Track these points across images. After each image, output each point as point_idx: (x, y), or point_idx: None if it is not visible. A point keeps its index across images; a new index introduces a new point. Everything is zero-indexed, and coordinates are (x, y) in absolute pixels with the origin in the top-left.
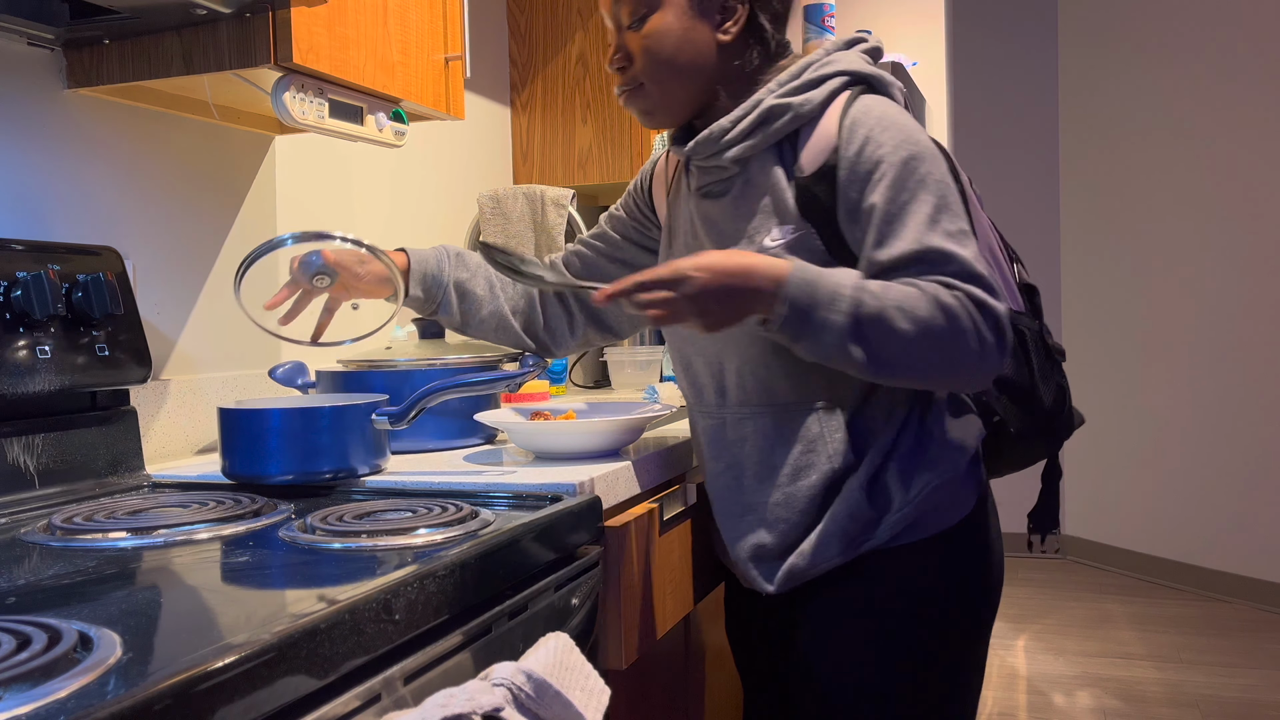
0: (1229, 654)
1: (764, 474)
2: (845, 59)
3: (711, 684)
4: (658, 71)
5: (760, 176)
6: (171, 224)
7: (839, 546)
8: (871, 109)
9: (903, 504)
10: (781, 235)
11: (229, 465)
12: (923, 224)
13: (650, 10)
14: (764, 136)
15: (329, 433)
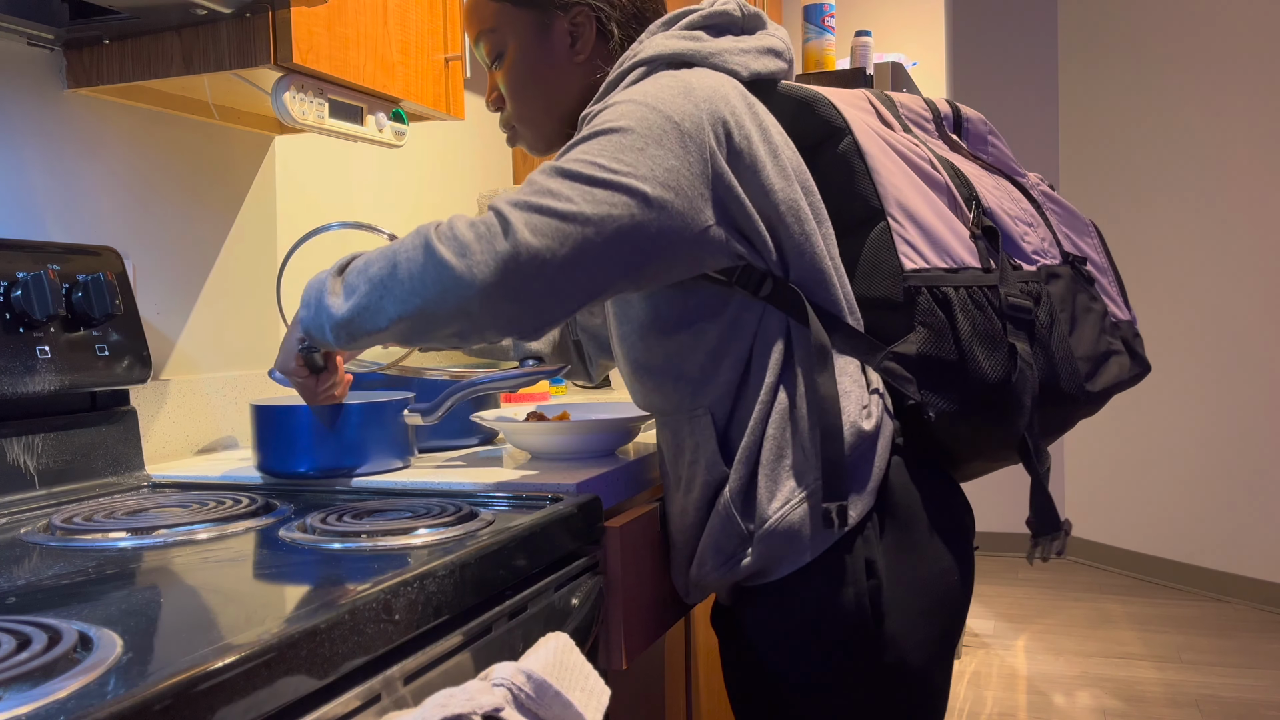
0: (1229, 654)
1: (672, 484)
2: (653, 44)
3: (711, 684)
4: (522, 106)
5: None
6: (171, 224)
7: (714, 561)
8: (634, 86)
9: (767, 517)
10: None
11: (261, 460)
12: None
13: (502, 48)
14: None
15: (360, 428)
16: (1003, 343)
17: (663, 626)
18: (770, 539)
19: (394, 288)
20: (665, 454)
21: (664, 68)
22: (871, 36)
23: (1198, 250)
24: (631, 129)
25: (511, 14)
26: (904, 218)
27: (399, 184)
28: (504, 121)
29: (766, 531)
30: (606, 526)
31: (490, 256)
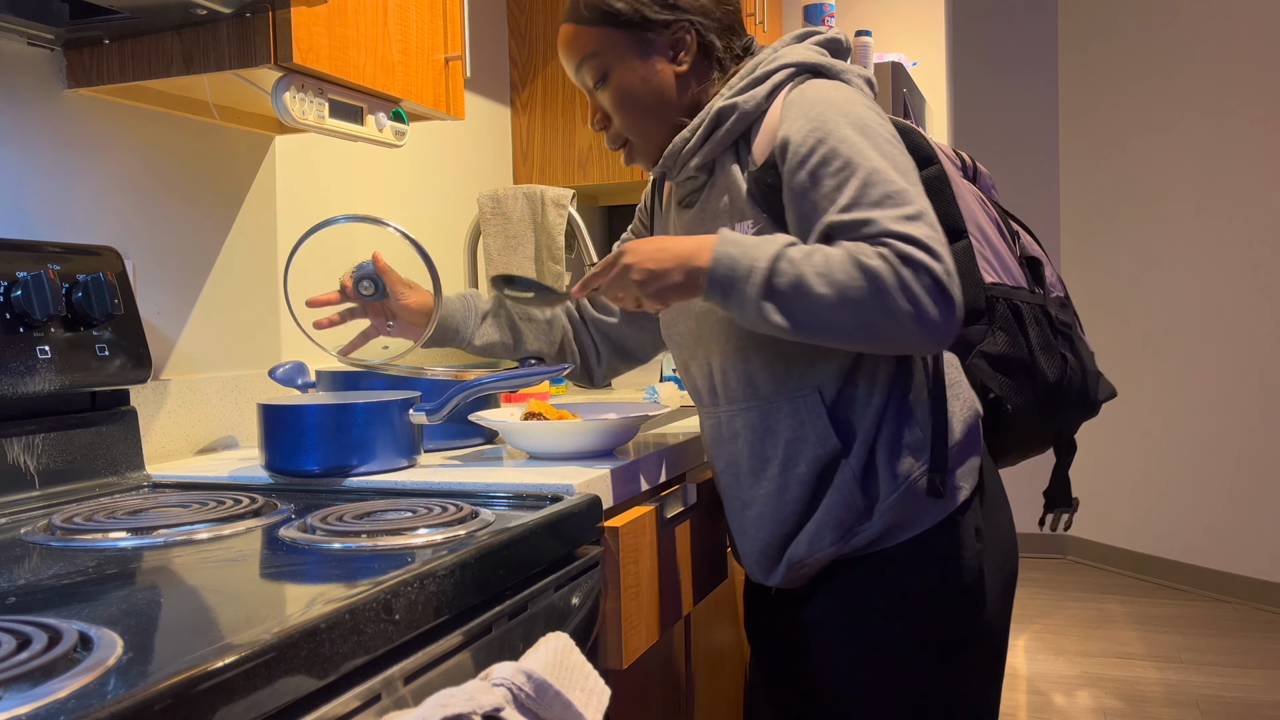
0: (1229, 654)
1: (757, 468)
2: (792, 53)
3: (712, 684)
4: (633, 123)
5: (722, 179)
6: (171, 224)
7: (833, 535)
8: (807, 91)
9: (891, 491)
10: (744, 232)
11: (269, 459)
12: (853, 192)
13: (608, 69)
14: (717, 140)
15: (367, 428)
16: (1056, 351)
17: (663, 626)
18: (893, 511)
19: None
20: (745, 437)
21: (806, 74)
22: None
23: (1198, 250)
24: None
25: (613, 37)
26: (981, 238)
27: (399, 184)
28: (613, 138)
29: (890, 504)
30: (606, 526)
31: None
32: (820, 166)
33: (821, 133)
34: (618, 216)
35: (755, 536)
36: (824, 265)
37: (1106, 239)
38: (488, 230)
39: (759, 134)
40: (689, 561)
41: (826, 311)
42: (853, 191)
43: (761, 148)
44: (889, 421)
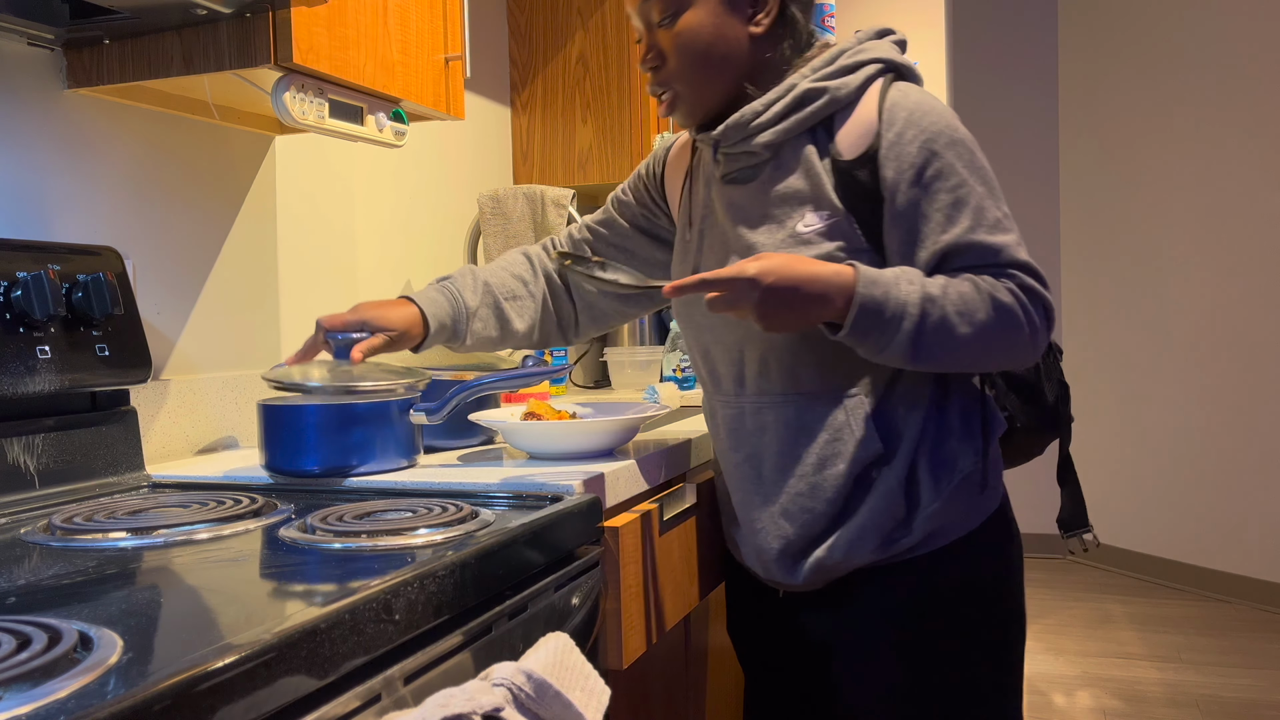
0: (1229, 654)
1: (785, 464)
2: (878, 47)
3: (711, 684)
4: (691, 70)
5: (792, 161)
6: (171, 224)
7: (874, 543)
8: (909, 94)
9: (932, 500)
10: (817, 221)
11: (269, 459)
12: (971, 213)
13: (682, 7)
14: (798, 120)
15: (367, 428)
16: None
17: (663, 626)
18: (935, 518)
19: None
20: (776, 431)
21: (893, 73)
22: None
23: (1198, 250)
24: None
25: None
26: None
27: (399, 184)
28: (661, 82)
29: (933, 511)
30: (606, 526)
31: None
32: (935, 180)
33: (935, 145)
34: None
35: (775, 534)
36: (962, 303)
37: (1106, 240)
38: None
39: (847, 125)
40: (689, 561)
41: (961, 349)
42: (971, 215)
43: (852, 141)
44: (932, 429)
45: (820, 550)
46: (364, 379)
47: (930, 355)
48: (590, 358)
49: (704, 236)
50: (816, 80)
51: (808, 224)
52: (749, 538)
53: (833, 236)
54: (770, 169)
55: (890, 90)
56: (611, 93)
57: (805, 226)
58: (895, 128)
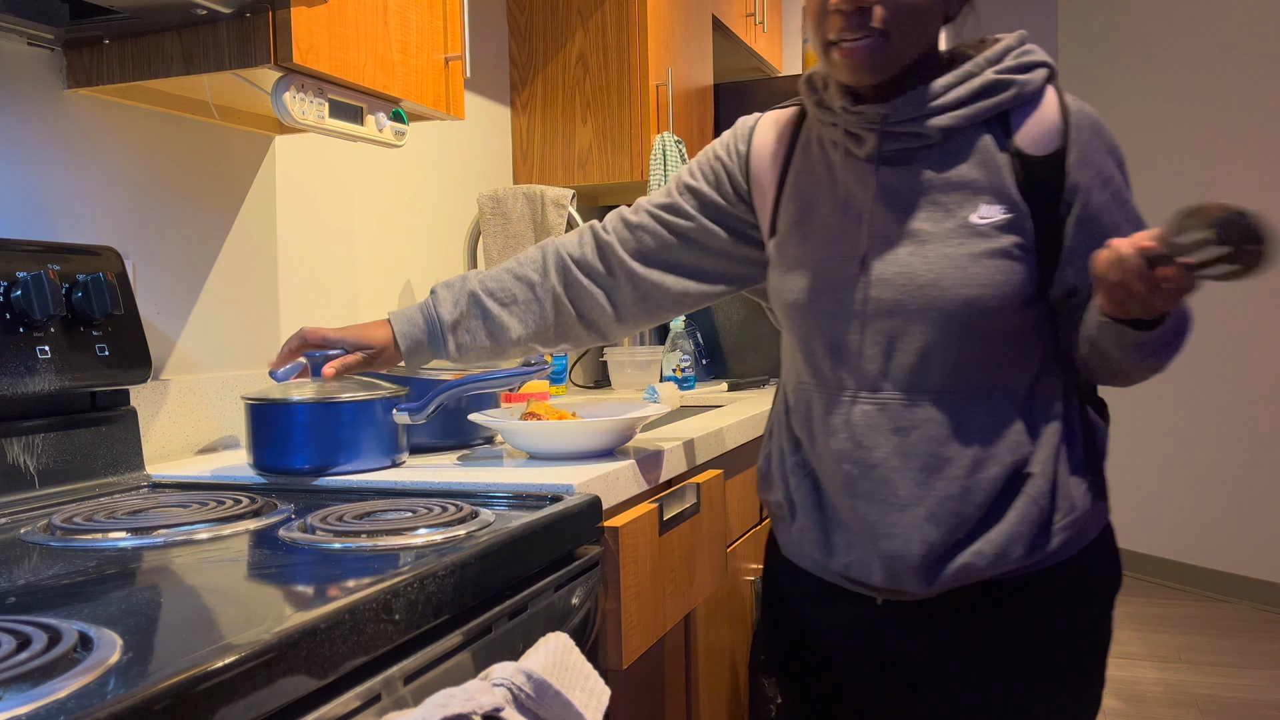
0: (1229, 654)
1: (934, 465)
2: (1039, 51)
3: (712, 684)
4: (906, 19)
5: (964, 149)
6: (171, 224)
7: (1023, 548)
8: (1084, 106)
9: (1069, 510)
10: (991, 214)
11: (256, 458)
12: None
13: None
14: (980, 109)
15: (351, 426)
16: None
17: (663, 626)
18: (1075, 524)
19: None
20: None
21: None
22: None
23: None
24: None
25: None
26: None
27: (399, 184)
28: (859, 24)
29: (1073, 518)
30: (606, 526)
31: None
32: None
33: (1116, 157)
34: None
35: (918, 540)
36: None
37: None
38: (488, 230)
39: (1029, 123)
40: (689, 561)
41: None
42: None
43: (1036, 138)
44: (1065, 433)
45: (965, 555)
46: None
47: (1168, 356)
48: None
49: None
50: (1002, 72)
51: (983, 215)
52: (871, 543)
53: (1009, 231)
54: (936, 154)
55: (1065, 95)
56: (611, 93)
57: (980, 218)
58: (1085, 135)
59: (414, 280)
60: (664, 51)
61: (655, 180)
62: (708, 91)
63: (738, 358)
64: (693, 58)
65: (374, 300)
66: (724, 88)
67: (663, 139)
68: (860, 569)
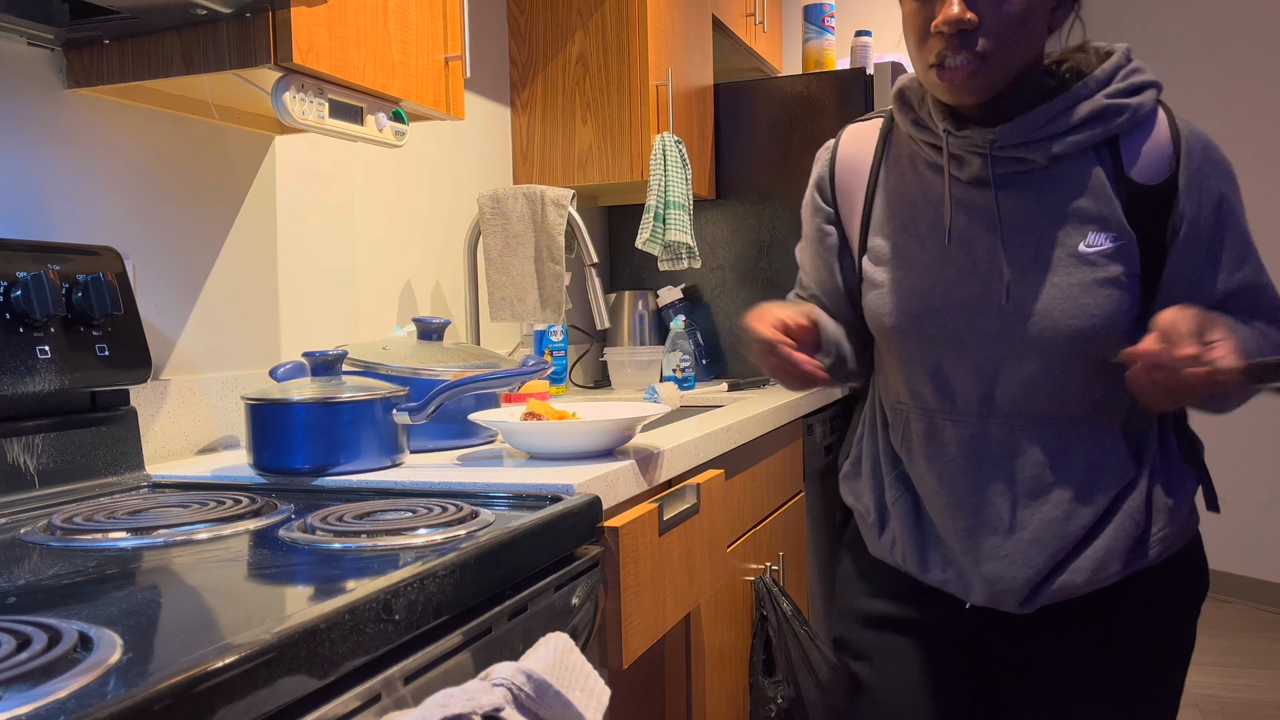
0: (1229, 654)
1: (1038, 490)
2: (1148, 68)
3: (711, 684)
4: (1010, 40)
5: (1073, 175)
6: (171, 224)
7: (1119, 564)
8: (1195, 129)
9: (1165, 523)
10: (1100, 242)
11: (256, 458)
12: (1253, 256)
13: None
14: (1092, 135)
15: (351, 426)
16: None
17: (663, 626)
18: (1169, 537)
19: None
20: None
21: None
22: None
23: None
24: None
25: None
26: None
27: (399, 184)
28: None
29: (1166, 534)
30: (606, 526)
31: None
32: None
33: (1227, 184)
34: (617, 216)
35: (1023, 564)
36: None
37: None
38: (488, 230)
39: (1143, 149)
40: (689, 561)
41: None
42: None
43: (1148, 165)
44: (1164, 450)
45: (1064, 575)
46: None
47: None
48: (590, 358)
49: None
50: (1113, 96)
51: (1091, 244)
52: (974, 565)
53: (1117, 260)
54: (1041, 179)
55: (1175, 119)
56: (611, 93)
57: (1089, 247)
58: (1195, 160)
59: (414, 280)
60: (664, 51)
61: (655, 180)
62: (708, 91)
63: (738, 358)
64: (693, 58)
65: (374, 300)
66: (724, 88)
67: (663, 139)
68: (957, 586)
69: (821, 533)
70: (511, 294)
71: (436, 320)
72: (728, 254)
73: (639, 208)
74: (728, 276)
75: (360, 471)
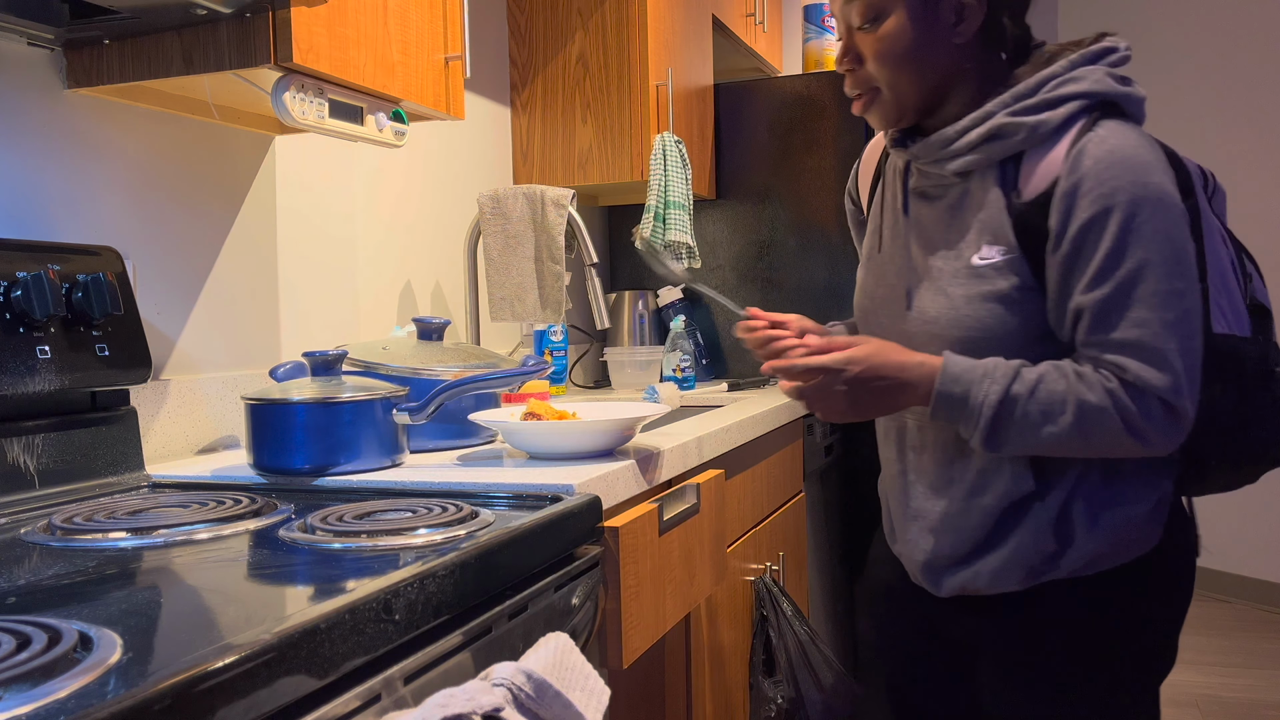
0: (1229, 654)
1: (940, 485)
2: (1090, 76)
3: (711, 684)
4: (891, 76)
5: (979, 191)
6: (171, 224)
7: (1020, 575)
8: (1105, 141)
9: (1086, 540)
10: (991, 255)
11: (256, 458)
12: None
13: (883, 12)
14: (988, 152)
15: (351, 426)
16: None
17: (663, 626)
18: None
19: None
20: (934, 454)
21: (1101, 109)
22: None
23: None
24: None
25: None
26: (1219, 283)
27: (399, 184)
28: (859, 82)
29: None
30: (606, 526)
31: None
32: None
33: (1110, 202)
34: (618, 216)
35: (920, 547)
36: (1049, 403)
37: None
38: (488, 230)
39: (1036, 165)
40: (689, 561)
41: (1046, 444)
42: (1115, 285)
43: (1034, 183)
44: (1098, 467)
45: (965, 573)
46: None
47: (1009, 447)
48: (590, 358)
49: (888, 251)
50: (1015, 114)
51: (984, 257)
52: (899, 543)
53: (1007, 273)
54: (957, 194)
55: (1087, 134)
56: (611, 93)
57: (981, 259)
58: (1075, 176)
59: (414, 280)
60: (664, 51)
61: (655, 180)
62: (708, 91)
63: (738, 358)
64: (693, 58)
65: (374, 300)
66: (724, 88)
67: (663, 139)
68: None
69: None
70: (511, 294)
71: (436, 320)
72: (728, 254)
73: (639, 208)
74: (728, 276)
75: (360, 471)
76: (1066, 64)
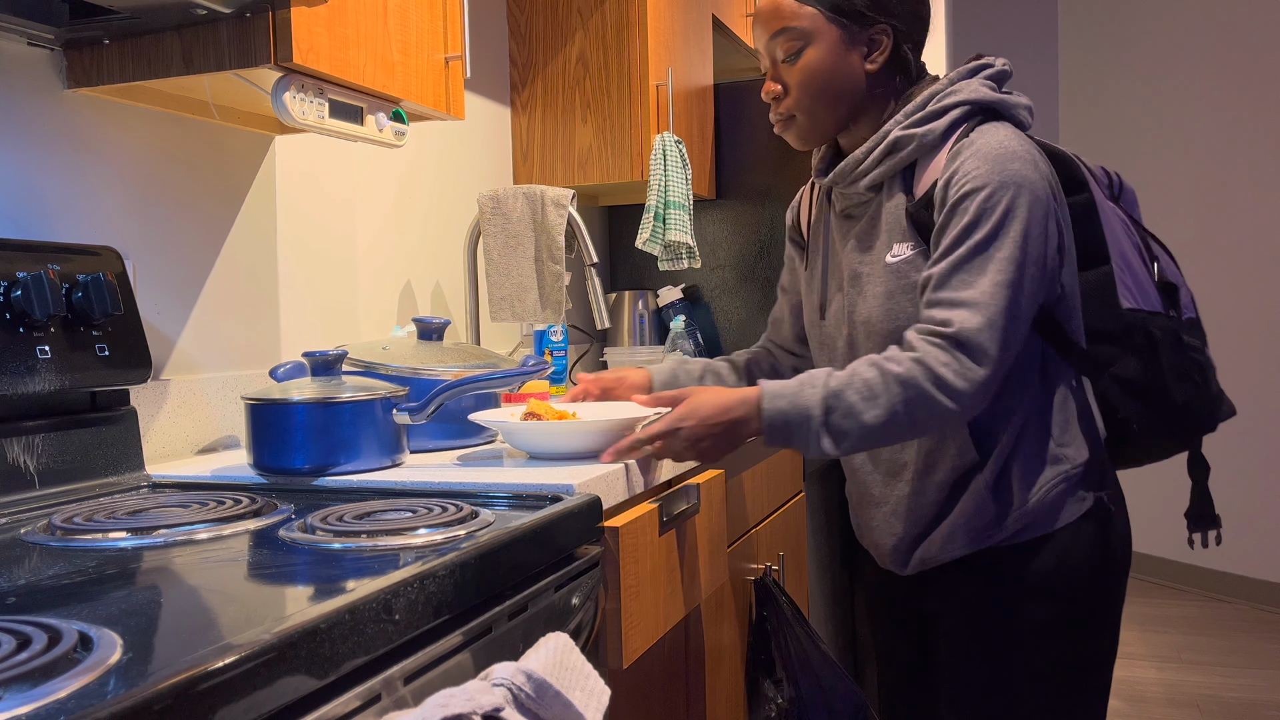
0: (1229, 654)
1: (894, 470)
2: (967, 87)
3: (711, 684)
4: (811, 103)
5: (887, 200)
6: (171, 224)
7: (965, 539)
8: (976, 139)
9: (1023, 502)
10: (901, 252)
11: (256, 458)
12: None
13: (804, 46)
14: (890, 165)
15: (351, 426)
16: (1188, 376)
17: (663, 626)
18: (1025, 518)
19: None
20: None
21: (980, 113)
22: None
23: (1198, 249)
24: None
25: (820, 19)
26: (1123, 265)
27: (399, 184)
28: (781, 111)
29: (1022, 512)
30: (606, 526)
31: (974, 387)
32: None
33: (973, 184)
34: (618, 216)
35: (888, 533)
36: (867, 390)
37: None
38: (487, 230)
39: (926, 169)
40: (689, 561)
41: (880, 430)
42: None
43: (923, 183)
44: (1027, 438)
45: (923, 545)
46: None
47: (852, 443)
48: (590, 358)
49: (826, 266)
50: (906, 127)
51: (895, 254)
52: (867, 532)
53: (915, 264)
54: (874, 207)
55: (966, 136)
56: (611, 93)
57: (893, 257)
58: (949, 170)
59: (414, 280)
60: (664, 51)
61: (655, 180)
62: (708, 91)
63: None
64: (693, 58)
65: (374, 300)
66: (724, 88)
67: (663, 139)
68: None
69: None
70: (511, 294)
71: (436, 320)
72: (728, 254)
73: (639, 208)
74: (728, 276)
75: (360, 471)
76: (946, 81)
